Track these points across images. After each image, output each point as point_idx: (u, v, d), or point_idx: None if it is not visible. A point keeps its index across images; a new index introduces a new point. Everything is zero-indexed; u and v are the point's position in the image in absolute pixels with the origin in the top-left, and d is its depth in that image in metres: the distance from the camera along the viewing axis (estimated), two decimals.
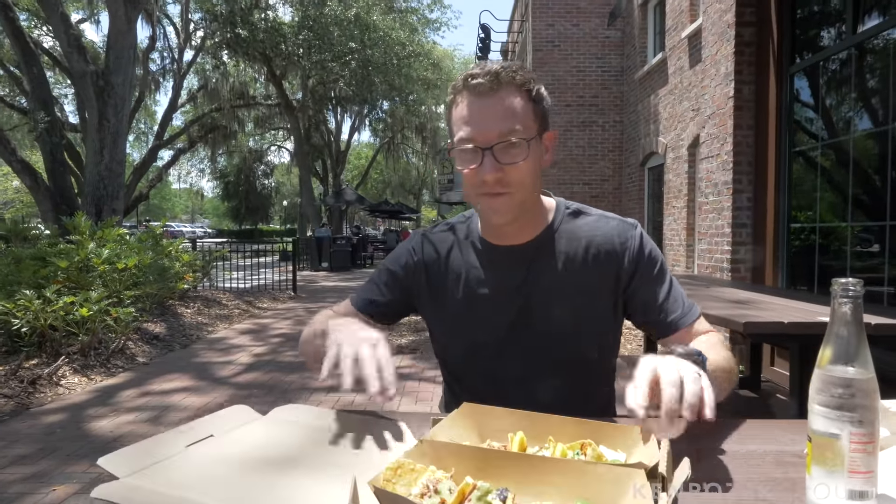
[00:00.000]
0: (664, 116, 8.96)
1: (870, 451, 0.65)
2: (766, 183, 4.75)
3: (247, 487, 0.74)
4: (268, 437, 0.92)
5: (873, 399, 0.66)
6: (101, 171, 9.09)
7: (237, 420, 0.97)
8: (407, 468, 0.70)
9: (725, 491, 0.77)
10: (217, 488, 0.73)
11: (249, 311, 8.50)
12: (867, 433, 0.65)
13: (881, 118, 3.76)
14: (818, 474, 0.68)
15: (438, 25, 23.66)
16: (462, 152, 1.11)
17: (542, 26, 11.28)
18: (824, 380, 0.68)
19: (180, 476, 0.76)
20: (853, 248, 3.98)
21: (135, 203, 17.55)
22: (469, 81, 1.09)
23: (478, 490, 0.64)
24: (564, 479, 0.69)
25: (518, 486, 0.70)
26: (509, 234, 1.21)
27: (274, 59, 18.96)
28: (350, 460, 0.82)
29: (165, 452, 0.83)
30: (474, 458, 0.73)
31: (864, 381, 0.66)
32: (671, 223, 8.56)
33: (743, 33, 4.83)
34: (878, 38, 3.78)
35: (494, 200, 1.11)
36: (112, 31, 9.28)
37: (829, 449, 0.66)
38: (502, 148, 1.07)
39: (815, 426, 0.69)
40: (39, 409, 3.95)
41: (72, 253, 5.65)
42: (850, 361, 0.67)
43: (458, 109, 1.12)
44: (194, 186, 52.01)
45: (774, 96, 4.66)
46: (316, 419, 0.98)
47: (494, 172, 1.07)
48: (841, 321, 0.68)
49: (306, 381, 4.71)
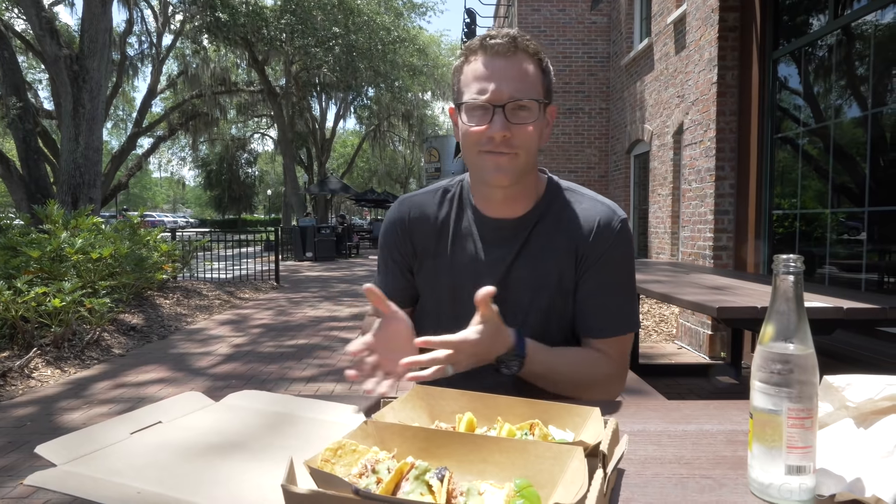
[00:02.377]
0: (650, 103, 8.99)
1: (807, 427, 0.66)
2: (748, 170, 4.78)
3: (185, 471, 0.73)
4: (216, 422, 0.91)
5: (811, 375, 0.66)
6: (76, 158, 8.97)
7: (187, 406, 0.96)
8: (348, 449, 0.69)
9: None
10: (155, 473, 0.72)
11: (230, 301, 8.45)
12: (805, 408, 0.66)
13: (864, 104, 3.79)
14: (758, 451, 0.69)
15: (424, 10, 23.47)
16: (472, 108, 1.12)
17: (527, 11, 11.25)
18: (765, 356, 0.69)
19: (120, 463, 0.75)
20: (835, 236, 4.02)
21: (113, 192, 17.36)
22: (487, 41, 1.12)
23: (415, 469, 0.64)
24: (506, 457, 0.69)
25: (460, 465, 0.70)
26: (502, 204, 1.22)
27: (256, 44, 18.77)
28: (295, 443, 0.82)
29: (109, 439, 0.82)
30: (417, 438, 0.73)
31: (802, 356, 0.66)
32: (656, 211, 8.61)
33: (727, 18, 4.84)
34: (860, 23, 3.80)
35: (499, 158, 1.12)
36: (86, 13, 9.14)
37: (768, 425, 0.67)
38: (513, 108, 1.10)
39: (755, 403, 0.69)
40: (10, 402, 3.91)
41: (44, 242, 5.58)
42: (790, 338, 0.68)
43: (471, 66, 1.14)
44: (175, 175, 51.47)
45: (757, 82, 4.68)
46: (267, 404, 0.97)
47: (503, 131, 1.09)
48: (782, 298, 0.69)
49: (285, 371, 4.71)
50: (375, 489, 0.63)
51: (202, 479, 0.71)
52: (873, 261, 3.67)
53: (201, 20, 17.72)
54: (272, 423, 0.90)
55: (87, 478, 0.71)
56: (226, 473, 0.73)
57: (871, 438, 0.69)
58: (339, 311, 7.85)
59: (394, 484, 0.63)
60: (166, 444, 0.82)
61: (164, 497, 0.66)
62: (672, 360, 5.05)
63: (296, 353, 5.32)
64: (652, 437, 0.90)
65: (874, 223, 3.67)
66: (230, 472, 0.73)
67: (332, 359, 5.12)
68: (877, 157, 3.65)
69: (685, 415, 1.01)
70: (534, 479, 0.66)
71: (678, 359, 5.08)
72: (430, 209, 1.29)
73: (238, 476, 0.72)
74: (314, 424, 0.88)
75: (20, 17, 17.88)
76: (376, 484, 0.63)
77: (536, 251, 1.21)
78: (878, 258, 3.64)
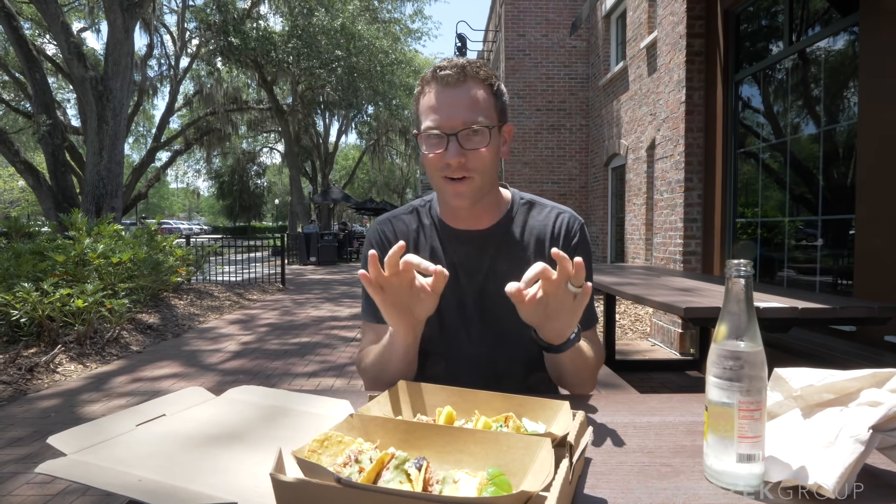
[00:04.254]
0: (625, 120, 9.02)
1: (756, 418, 0.65)
2: (714, 181, 4.80)
3: (184, 461, 0.72)
4: (216, 415, 0.90)
5: (760, 370, 0.66)
6: (100, 171, 8.94)
7: (190, 400, 0.95)
8: (334, 440, 0.69)
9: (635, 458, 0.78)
10: (156, 462, 0.72)
11: (240, 302, 8.41)
12: (754, 401, 0.65)
13: (818, 122, 3.82)
14: (713, 440, 0.68)
15: (420, 35, 23.62)
16: (428, 137, 1.11)
17: (513, 36, 11.29)
18: (718, 353, 0.68)
19: (125, 452, 0.74)
20: (793, 241, 4.04)
21: (134, 202, 17.26)
22: (438, 73, 1.10)
23: (395, 459, 0.64)
24: (480, 448, 0.69)
25: (438, 455, 0.70)
26: (468, 219, 1.21)
27: (265, 65, 18.75)
28: (288, 434, 0.81)
29: (116, 430, 0.81)
30: (398, 430, 0.73)
31: (752, 353, 0.66)
32: (632, 219, 8.63)
33: (693, 44, 4.86)
34: (815, 49, 3.83)
35: (457, 185, 1.11)
36: (111, 39, 9.12)
37: (721, 417, 0.67)
38: (466, 135, 1.08)
39: (710, 396, 0.69)
40: (36, 394, 3.88)
41: (69, 248, 5.54)
42: (741, 336, 0.67)
43: (426, 98, 1.12)
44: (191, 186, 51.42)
45: (721, 101, 4.71)
46: (264, 398, 0.96)
47: (458, 157, 1.08)
48: (734, 299, 0.68)
49: (289, 367, 4.68)
50: (357, 478, 0.62)
51: (200, 467, 0.71)
52: (827, 264, 3.68)
53: (215, 44, 17.70)
54: (267, 416, 0.89)
55: (93, 466, 0.70)
56: (223, 463, 0.72)
57: (815, 429, 0.68)
58: (340, 311, 7.83)
59: (375, 473, 0.63)
60: (168, 436, 0.81)
61: (163, 484, 0.65)
62: (646, 356, 5.05)
63: (299, 351, 5.30)
64: (619, 428, 0.90)
65: (828, 230, 3.69)
66: (227, 461, 0.72)
67: (333, 356, 5.10)
68: (830, 170, 3.67)
69: (650, 407, 1.01)
70: (506, 467, 0.66)
71: (651, 355, 5.08)
72: (405, 227, 1.27)
73: (234, 465, 0.71)
74: (306, 417, 0.88)
75: (51, 42, 17.82)
76: (359, 473, 0.63)
77: (508, 259, 1.20)
78: (831, 262, 3.66)
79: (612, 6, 9.92)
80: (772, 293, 2.73)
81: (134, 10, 9.20)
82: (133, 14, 9.21)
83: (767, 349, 0.68)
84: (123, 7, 9.02)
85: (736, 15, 4.65)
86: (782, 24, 4.10)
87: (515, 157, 11.33)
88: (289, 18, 18.53)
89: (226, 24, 16.96)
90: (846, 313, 2.29)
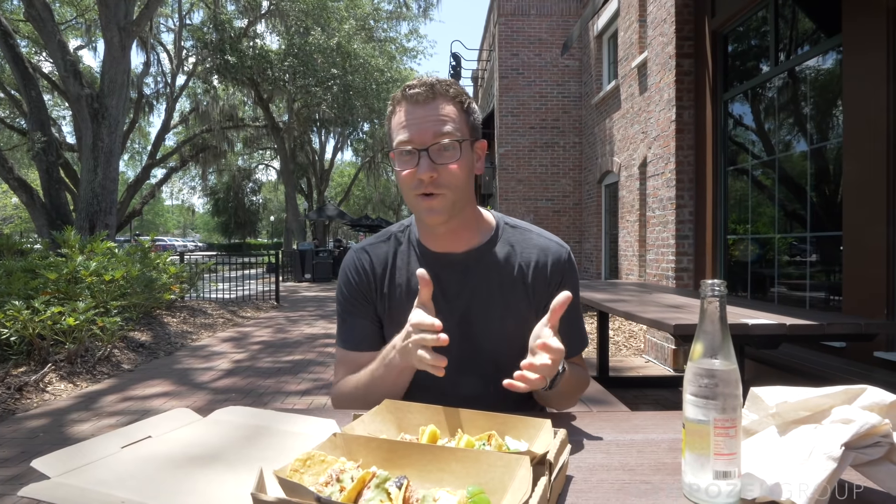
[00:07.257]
0: (618, 138, 9.11)
1: (732, 435, 0.66)
2: (705, 198, 4.84)
3: (166, 481, 0.73)
4: (201, 436, 0.90)
5: (735, 388, 0.67)
6: (94, 188, 8.93)
7: (176, 422, 0.96)
8: (317, 460, 0.69)
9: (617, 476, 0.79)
10: (137, 483, 0.72)
11: (233, 320, 8.38)
12: (729, 419, 0.67)
13: (808, 139, 3.87)
14: (690, 458, 0.69)
15: (415, 54, 23.78)
16: (401, 154, 1.11)
17: (507, 55, 11.42)
18: (694, 372, 0.70)
19: (109, 474, 0.75)
20: (783, 258, 4.07)
21: (129, 219, 17.24)
22: (407, 91, 1.12)
23: (377, 478, 0.64)
24: (461, 466, 0.69)
25: (420, 473, 0.70)
26: (447, 240, 1.20)
27: (261, 83, 18.87)
28: (273, 454, 0.82)
29: (100, 453, 0.81)
30: (381, 449, 0.73)
31: (726, 371, 0.68)
32: (625, 236, 8.67)
33: (682, 63, 4.94)
34: (803, 67, 3.89)
35: (431, 201, 1.11)
36: (107, 57, 9.17)
37: (698, 434, 0.68)
38: (437, 149, 1.09)
39: (687, 414, 0.70)
40: (25, 414, 3.84)
41: (61, 265, 5.52)
42: (715, 355, 0.69)
43: (397, 117, 1.13)
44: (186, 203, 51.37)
45: (711, 120, 4.77)
46: (248, 418, 0.96)
47: (429, 171, 1.08)
48: (708, 319, 0.70)
49: (281, 385, 4.66)
50: (339, 497, 0.63)
51: (180, 488, 0.71)
52: (818, 280, 3.71)
53: (212, 62, 17.82)
54: (250, 436, 0.89)
55: (75, 488, 0.70)
56: (205, 483, 0.72)
57: (790, 446, 0.70)
58: (333, 328, 7.73)
59: (356, 492, 0.63)
60: (153, 457, 0.81)
61: None
62: (639, 372, 5.05)
63: (292, 369, 5.27)
64: (601, 446, 0.91)
65: (817, 247, 3.72)
66: (207, 481, 0.73)
67: (326, 373, 5.07)
68: (820, 187, 3.71)
69: (634, 425, 1.01)
70: (486, 486, 0.66)
71: (645, 371, 5.08)
72: (382, 254, 1.25)
73: (216, 486, 0.72)
74: (291, 437, 0.88)
75: (47, 59, 17.90)
76: (340, 492, 0.63)
77: (490, 284, 1.19)
78: (822, 278, 3.69)
79: (603, 26, 10.06)
80: (762, 309, 2.74)
81: (131, 29, 9.27)
82: (130, 33, 9.28)
83: (758, 366, 0.70)
84: (120, 26, 9.09)
85: (724, 35, 4.74)
86: (769, 43, 4.18)
87: (509, 175, 11.40)
88: (285, 37, 18.70)
89: (222, 42, 17.10)
90: (833, 329, 2.30)
